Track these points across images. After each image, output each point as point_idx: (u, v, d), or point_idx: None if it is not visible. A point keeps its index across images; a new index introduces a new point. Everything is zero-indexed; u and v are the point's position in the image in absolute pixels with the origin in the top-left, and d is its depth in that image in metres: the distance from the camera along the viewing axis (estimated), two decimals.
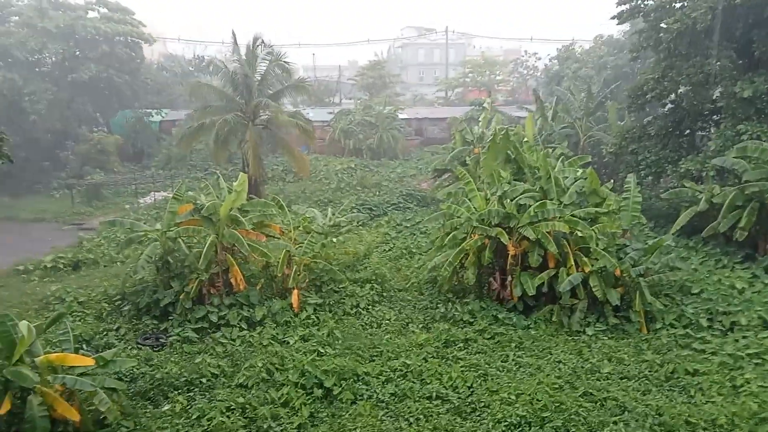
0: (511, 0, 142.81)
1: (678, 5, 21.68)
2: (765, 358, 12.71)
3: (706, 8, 19.11)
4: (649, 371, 12.65)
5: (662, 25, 21.02)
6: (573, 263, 15.16)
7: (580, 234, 15.32)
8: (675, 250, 18.44)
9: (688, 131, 23.32)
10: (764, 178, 17.36)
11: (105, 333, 14.69)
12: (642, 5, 23.29)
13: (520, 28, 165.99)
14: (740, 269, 17.15)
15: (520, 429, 10.54)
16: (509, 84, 63.06)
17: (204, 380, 12.37)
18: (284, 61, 26.53)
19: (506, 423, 10.62)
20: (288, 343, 14.06)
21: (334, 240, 18.35)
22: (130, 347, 14.04)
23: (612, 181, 18.54)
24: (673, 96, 23.04)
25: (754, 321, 14.16)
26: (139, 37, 41.97)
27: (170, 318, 15.12)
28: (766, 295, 15.31)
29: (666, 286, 15.85)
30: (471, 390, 11.92)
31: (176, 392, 11.95)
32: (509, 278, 15.78)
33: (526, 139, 21.14)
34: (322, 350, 13.39)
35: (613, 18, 24.42)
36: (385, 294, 17.41)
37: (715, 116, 22.39)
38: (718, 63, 20.26)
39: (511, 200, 16.20)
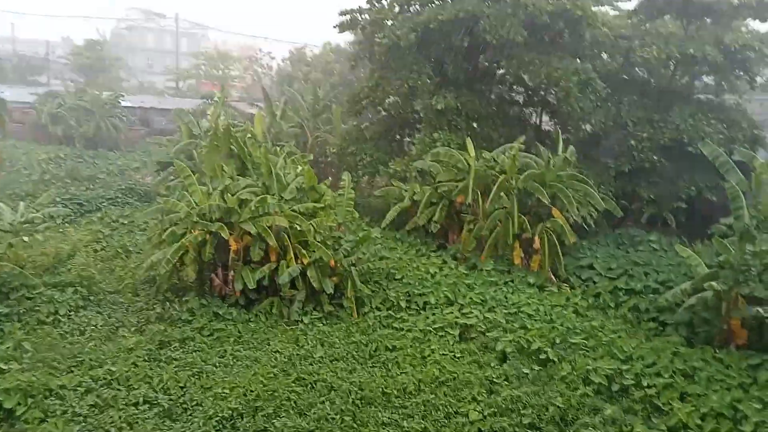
0: None
1: (389, 23, 24.20)
2: (447, 330, 14.92)
3: (408, 29, 21.73)
4: (356, 351, 13.82)
5: (376, 39, 23.21)
6: (293, 256, 15.75)
7: (299, 228, 16.01)
8: (385, 242, 20.54)
9: (397, 136, 26.31)
10: (452, 179, 20.45)
11: None
12: (360, 18, 25.43)
13: (256, 26, 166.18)
14: (434, 257, 19.87)
15: (232, 422, 10.57)
16: (244, 80, 62.74)
17: None
18: None
19: (218, 418, 10.54)
20: None
21: (27, 239, 15.86)
22: None
23: (330, 179, 19.80)
24: (385, 104, 25.69)
25: (441, 300, 16.50)
26: None
27: None
28: (452, 278, 18.00)
29: (375, 273, 17.56)
30: (184, 390, 11.51)
31: None
32: (231, 273, 15.69)
33: (249, 135, 21.25)
34: (4, 366, 11.44)
35: (335, 27, 26.13)
36: (92, 298, 15.67)
37: (417, 125, 25.61)
38: (419, 79, 23.25)
39: (233, 195, 16.11)
